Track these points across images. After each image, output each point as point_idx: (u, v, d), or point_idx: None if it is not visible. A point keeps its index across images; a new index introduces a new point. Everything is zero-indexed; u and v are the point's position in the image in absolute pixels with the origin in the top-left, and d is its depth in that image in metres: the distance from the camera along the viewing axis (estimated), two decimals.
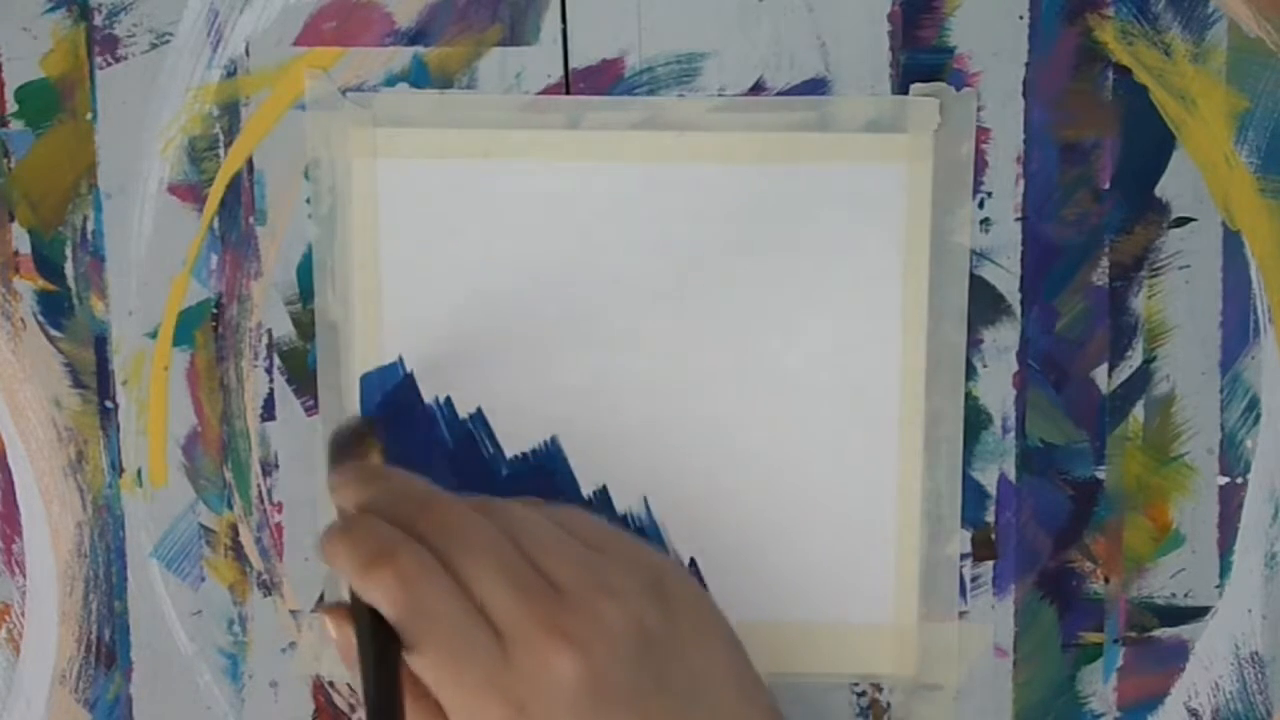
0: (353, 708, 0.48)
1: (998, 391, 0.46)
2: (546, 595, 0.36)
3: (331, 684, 0.48)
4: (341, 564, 0.37)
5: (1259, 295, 0.46)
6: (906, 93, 0.45)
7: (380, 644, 0.36)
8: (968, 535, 0.47)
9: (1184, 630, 0.47)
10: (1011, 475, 0.46)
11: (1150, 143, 0.45)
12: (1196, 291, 0.46)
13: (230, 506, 0.47)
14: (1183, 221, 0.46)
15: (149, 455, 0.47)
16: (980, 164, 0.45)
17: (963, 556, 0.47)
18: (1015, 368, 0.46)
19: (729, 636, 0.40)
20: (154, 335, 0.47)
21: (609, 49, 0.45)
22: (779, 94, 0.45)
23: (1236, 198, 0.45)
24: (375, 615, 0.36)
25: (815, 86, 0.45)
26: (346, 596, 0.38)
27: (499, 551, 0.36)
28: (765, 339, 0.46)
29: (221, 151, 0.46)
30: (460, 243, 0.46)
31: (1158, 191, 0.45)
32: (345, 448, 0.42)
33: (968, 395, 0.46)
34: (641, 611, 0.36)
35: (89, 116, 0.46)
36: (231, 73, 0.45)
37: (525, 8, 0.45)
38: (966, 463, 0.46)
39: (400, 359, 0.46)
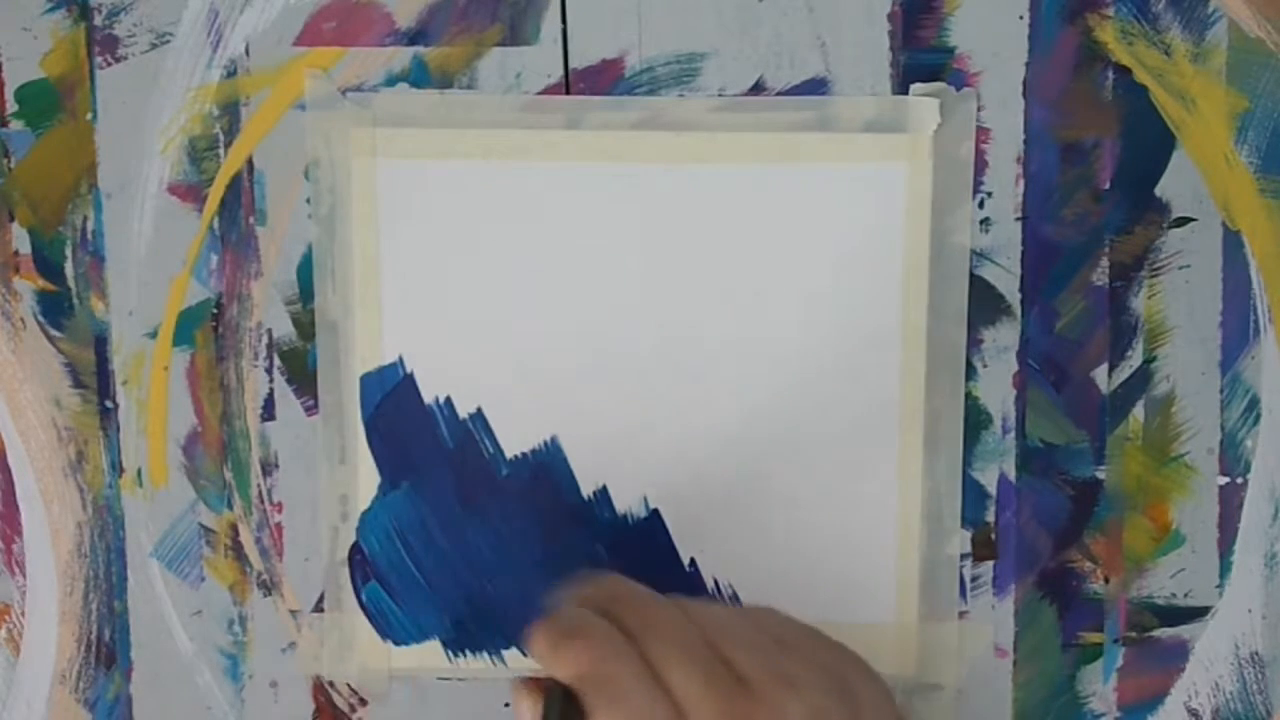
0: (353, 708, 0.48)
1: (998, 391, 0.46)
2: (731, 685, 0.36)
3: (331, 684, 0.48)
4: (537, 646, 0.37)
5: (1259, 295, 0.46)
6: (906, 93, 0.45)
7: None
8: (968, 535, 0.47)
9: (1184, 630, 0.47)
10: (1011, 475, 0.46)
11: (1150, 143, 0.45)
12: (1196, 291, 0.46)
13: (230, 506, 0.47)
14: (1183, 221, 0.46)
15: (149, 455, 0.47)
16: (980, 164, 0.45)
17: (963, 556, 0.47)
18: (1015, 368, 0.46)
19: None
20: (154, 335, 0.47)
21: (609, 49, 0.45)
22: (779, 94, 0.45)
23: (1236, 198, 0.45)
24: (566, 701, 0.37)
25: (815, 86, 0.45)
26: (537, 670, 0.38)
27: (688, 639, 0.37)
28: (765, 339, 0.46)
29: (221, 151, 0.46)
30: (460, 243, 0.46)
31: (1158, 191, 0.45)
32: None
33: (968, 395, 0.46)
34: (824, 706, 0.36)
35: (89, 116, 0.46)
36: (231, 73, 0.45)
37: (525, 8, 0.45)
38: (966, 463, 0.46)
39: (400, 359, 0.46)
